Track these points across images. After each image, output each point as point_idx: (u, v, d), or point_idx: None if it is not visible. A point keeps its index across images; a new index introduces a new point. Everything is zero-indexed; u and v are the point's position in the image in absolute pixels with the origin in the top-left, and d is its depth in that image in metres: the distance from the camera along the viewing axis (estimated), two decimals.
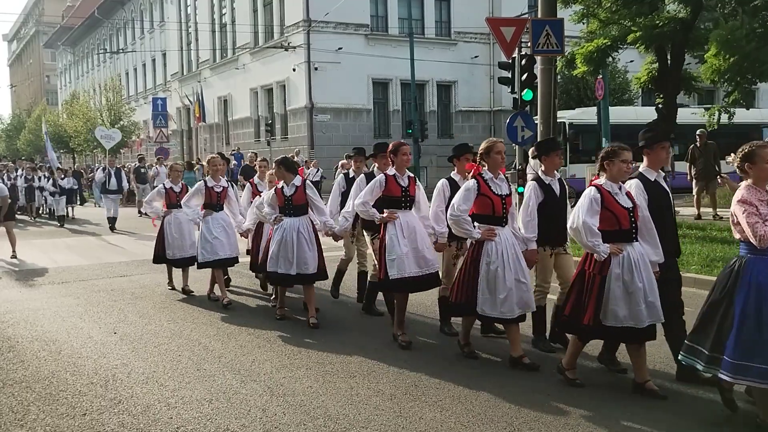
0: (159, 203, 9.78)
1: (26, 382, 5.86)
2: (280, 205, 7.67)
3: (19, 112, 76.57)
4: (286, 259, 7.50)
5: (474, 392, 5.37)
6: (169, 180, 9.96)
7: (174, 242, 9.52)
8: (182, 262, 9.62)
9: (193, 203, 8.90)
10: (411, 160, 6.95)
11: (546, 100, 14.57)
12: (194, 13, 43.70)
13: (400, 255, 6.50)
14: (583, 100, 28.47)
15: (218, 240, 8.71)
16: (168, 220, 9.61)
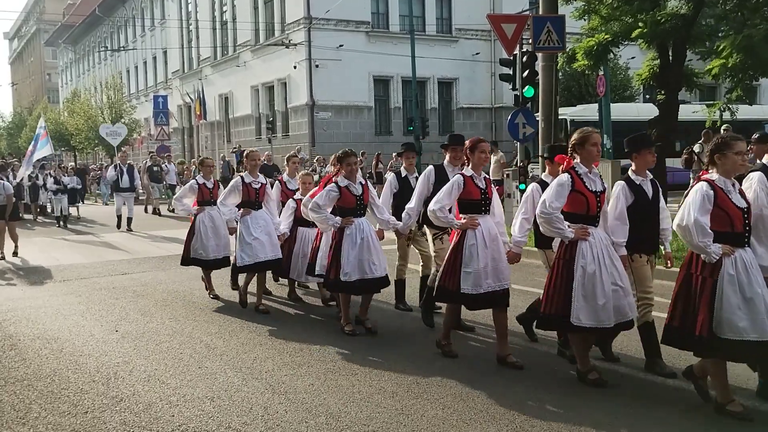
0: (190, 200, 9.07)
1: (28, 380, 5.86)
2: (350, 206, 7.00)
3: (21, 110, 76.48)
4: (367, 265, 6.88)
5: (476, 390, 5.37)
6: (201, 175, 9.21)
7: (208, 242, 8.87)
8: (215, 264, 9.04)
9: (229, 202, 8.24)
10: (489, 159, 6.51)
11: (547, 96, 14.55)
12: (195, 11, 43.67)
13: (477, 269, 5.88)
14: (585, 97, 28.44)
15: (259, 241, 8.05)
16: (201, 219, 8.96)
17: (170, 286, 9.99)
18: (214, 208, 8.85)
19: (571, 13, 14.77)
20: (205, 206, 8.98)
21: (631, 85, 29.49)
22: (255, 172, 8.34)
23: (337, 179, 7.03)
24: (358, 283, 6.88)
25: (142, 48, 52.31)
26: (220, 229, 8.93)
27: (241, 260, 8.11)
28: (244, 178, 8.27)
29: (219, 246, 8.92)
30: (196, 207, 9.02)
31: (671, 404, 5.03)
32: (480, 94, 35.53)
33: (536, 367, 5.91)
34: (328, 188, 6.98)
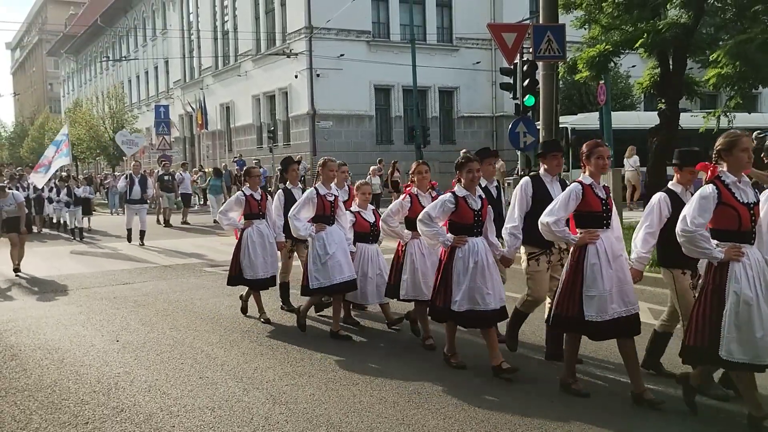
0: (236, 214, 8.38)
1: (29, 391, 5.85)
2: (466, 222, 5.95)
3: (22, 120, 76.78)
4: (480, 294, 5.82)
5: (477, 399, 5.35)
6: (247, 186, 8.44)
7: (257, 260, 8.15)
8: (264, 284, 8.33)
9: (303, 216, 7.33)
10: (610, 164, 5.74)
11: (548, 105, 14.57)
12: (196, 21, 43.81)
13: (602, 293, 5.14)
14: (586, 106, 28.45)
15: (335, 260, 7.17)
16: (248, 234, 8.23)
17: (171, 296, 9.98)
18: (262, 221, 8.32)
19: (572, 22, 14.83)
20: (252, 220, 8.30)
21: (632, 93, 29.52)
22: (329, 183, 7.52)
23: (454, 189, 6.04)
24: (468, 315, 5.85)
25: (143, 58, 52.45)
26: (269, 245, 8.30)
27: (314, 282, 7.25)
28: (319, 189, 7.40)
29: (268, 264, 8.24)
30: (243, 221, 8.37)
31: (674, 416, 5.01)
32: (481, 102, 35.56)
33: (537, 377, 5.89)
34: (444, 198, 5.98)
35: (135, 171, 17.65)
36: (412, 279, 6.78)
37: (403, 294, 6.82)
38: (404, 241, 6.82)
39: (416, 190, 6.85)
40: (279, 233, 8.33)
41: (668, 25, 13.05)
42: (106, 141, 42.72)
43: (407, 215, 6.80)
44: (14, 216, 12.83)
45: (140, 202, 17.10)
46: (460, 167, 6.02)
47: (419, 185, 6.88)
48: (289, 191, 8.52)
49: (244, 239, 8.25)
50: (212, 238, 17.75)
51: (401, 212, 6.77)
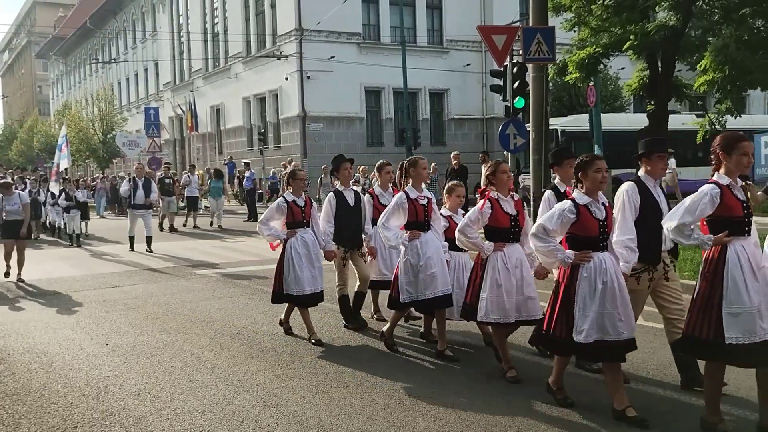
0: (278, 222, 7.46)
1: (17, 395, 5.82)
2: (591, 234, 4.96)
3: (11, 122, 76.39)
4: (611, 322, 4.88)
5: (467, 401, 5.36)
6: (289, 191, 7.51)
7: (302, 273, 7.25)
8: (311, 300, 7.44)
9: (393, 223, 6.62)
10: None
11: (538, 107, 14.62)
12: (186, 23, 43.72)
13: (749, 308, 4.38)
14: (576, 107, 28.57)
15: (431, 272, 6.46)
16: (292, 245, 7.31)
17: (161, 299, 9.95)
18: (307, 230, 7.41)
19: (561, 24, 14.90)
20: (296, 229, 7.37)
21: (621, 95, 29.66)
22: (419, 185, 6.76)
23: (574, 196, 5.07)
24: (596, 347, 4.86)
25: (133, 60, 52.29)
26: (316, 256, 7.41)
27: (405, 295, 6.55)
28: (409, 193, 6.66)
29: (316, 277, 7.36)
30: (285, 231, 7.43)
31: (670, 419, 5.03)
32: (471, 104, 35.64)
33: (529, 378, 5.90)
34: (564, 208, 4.98)
35: (138, 174, 16.48)
36: (495, 298, 5.75)
37: (482, 316, 5.81)
38: (485, 253, 5.87)
39: (497, 194, 5.85)
40: (328, 241, 7.47)
41: (657, 27, 13.14)
42: (96, 143, 42.58)
43: (487, 224, 5.87)
44: (15, 219, 11.95)
45: (144, 207, 16.03)
46: (585, 166, 4.98)
47: (500, 188, 5.87)
48: (341, 194, 7.64)
49: (288, 251, 7.30)
50: (202, 242, 17.70)
51: (481, 221, 5.83)
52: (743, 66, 11.83)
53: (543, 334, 5.19)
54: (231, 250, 15.78)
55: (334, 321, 8.15)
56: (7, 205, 11.98)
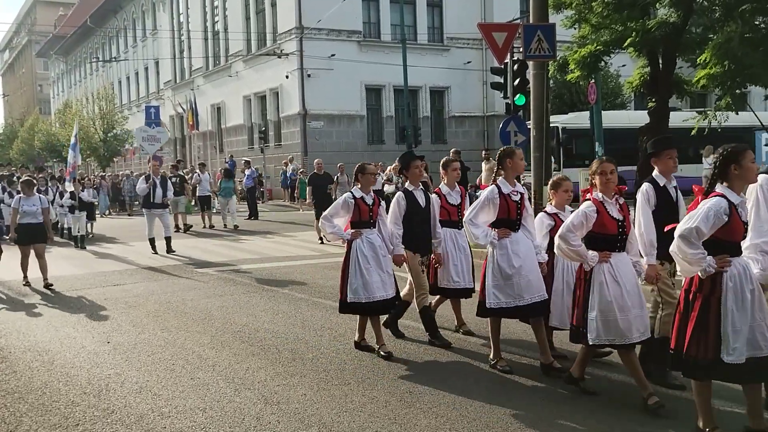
0: (342, 220, 6.76)
1: (19, 393, 5.82)
2: (736, 239, 4.47)
3: (12, 121, 76.43)
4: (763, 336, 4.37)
5: (468, 399, 5.36)
6: (357, 187, 6.80)
7: (371, 278, 6.54)
8: (383, 307, 6.77)
9: (482, 220, 6.03)
10: None
11: (539, 104, 14.60)
12: (187, 21, 43.71)
13: None
14: (576, 105, 28.56)
15: (522, 275, 5.84)
16: (358, 247, 6.62)
17: (162, 297, 9.96)
18: (373, 231, 6.71)
19: (562, 21, 14.87)
20: (362, 229, 6.70)
21: (622, 92, 29.65)
22: (512, 178, 6.10)
23: (725, 193, 4.42)
24: (748, 366, 4.30)
25: (134, 58, 52.31)
26: (384, 260, 6.70)
27: (493, 300, 5.94)
28: (502, 187, 6.02)
29: (385, 282, 6.64)
30: (350, 231, 6.75)
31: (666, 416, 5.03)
32: (472, 102, 35.62)
33: (528, 376, 5.91)
34: (719, 207, 4.35)
35: (155, 172, 15.61)
36: (606, 318, 5.07)
37: (593, 338, 5.12)
38: (588, 264, 5.18)
39: (601, 196, 5.20)
40: (396, 244, 6.77)
41: (657, 24, 13.11)
42: (97, 142, 42.60)
43: (591, 230, 5.19)
44: (32, 222, 11.06)
45: (162, 207, 15.34)
46: (737, 156, 4.42)
47: (604, 190, 5.21)
48: (411, 194, 6.90)
49: (353, 254, 6.64)
50: (203, 240, 17.70)
51: (586, 226, 5.15)
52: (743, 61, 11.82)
53: (677, 356, 4.51)
54: (232, 248, 15.79)
55: (335, 318, 8.16)
56: (25, 206, 11.04)
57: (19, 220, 11.08)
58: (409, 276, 7.10)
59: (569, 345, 6.00)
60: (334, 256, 13.78)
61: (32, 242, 11.15)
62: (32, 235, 11.13)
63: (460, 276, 7.09)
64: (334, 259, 13.24)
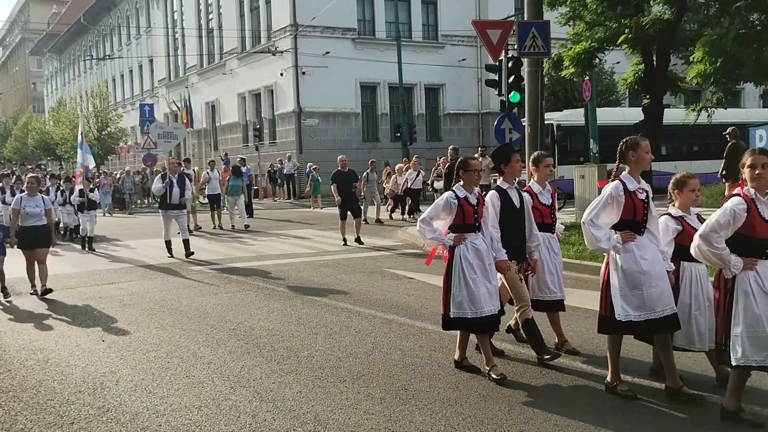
0: (443, 223, 5.91)
1: (13, 392, 5.81)
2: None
3: (5, 119, 76.23)
4: None
5: (463, 395, 5.37)
6: (460, 185, 5.90)
7: (478, 289, 5.72)
8: (491, 323, 5.86)
9: (604, 221, 5.21)
10: None
11: (533, 101, 14.63)
12: (181, 19, 43.63)
13: None
14: (571, 102, 28.62)
15: (652, 284, 5.09)
16: (461, 254, 5.80)
17: (157, 295, 9.94)
18: (478, 236, 5.84)
19: (556, 18, 14.91)
20: (466, 233, 5.83)
21: (616, 89, 29.70)
22: (638, 173, 5.32)
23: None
24: None
25: (128, 56, 52.19)
26: (490, 268, 5.87)
27: (622, 313, 5.14)
28: (627, 183, 5.22)
29: (492, 295, 5.83)
30: (452, 235, 5.87)
31: (662, 411, 5.04)
32: (467, 99, 35.67)
33: (522, 372, 5.92)
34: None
35: (172, 169, 14.40)
36: (754, 333, 4.48)
37: (739, 358, 4.52)
38: (731, 272, 4.58)
39: (753, 192, 4.55)
40: (498, 249, 5.94)
41: (651, 21, 13.16)
42: (91, 140, 42.47)
43: (737, 231, 4.56)
44: (34, 225, 10.14)
45: (179, 207, 14.15)
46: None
47: (757, 187, 4.54)
48: (505, 192, 6.12)
49: (457, 262, 5.80)
50: (200, 239, 17.66)
51: (732, 226, 4.54)
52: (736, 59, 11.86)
53: None
54: (227, 246, 15.77)
55: (330, 316, 8.16)
56: (27, 207, 10.08)
57: (21, 222, 10.13)
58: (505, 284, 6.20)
59: None
60: (330, 254, 13.79)
61: (35, 246, 10.18)
62: (35, 238, 10.17)
63: (556, 286, 6.39)
64: (329, 257, 13.26)
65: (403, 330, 7.46)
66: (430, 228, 5.83)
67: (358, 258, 13.04)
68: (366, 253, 13.58)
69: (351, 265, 12.13)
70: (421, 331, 7.40)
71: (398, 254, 13.40)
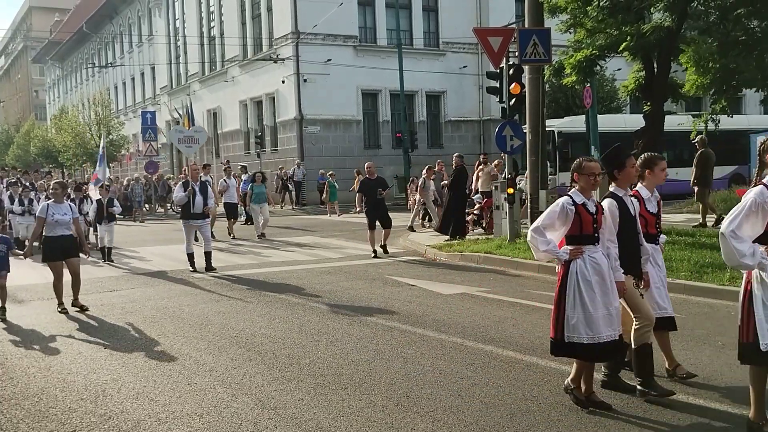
0: (558, 234, 5.23)
1: (15, 399, 5.81)
2: None
3: (8, 127, 76.37)
4: None
5: (466, 402, 5.36)
6: (575, 189, 5.24)
7: (596, 311, 5.04)
8: (611, 350, 5.18)
9: (747, 233, 4.44)
10: None
11: (534, 108, 14.67)
12: (183, 27, 43.75)
13: None
14: (572, 109, 28.64)
15: None
16: (578, 269, 5.10)
17: (159, 303, 9.94)
18: (597, 249, 5.15)
19: (557, 26, 14.93)
20: (584, 245, 5.15)
21: (617, 96, 29.73)
22: None
23: None
24: None
25: (130, 64, 52.31)
26: (612, 289, 5.14)
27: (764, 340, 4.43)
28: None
29: (612, 318, 5.13)
30: (567, 248, 5.17)
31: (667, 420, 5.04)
32: (468, 106, 35.71)
33: (525, 379, 5.92)
34: None
35: (194, 177, 13.28)
36: None
37: None
38: None
39: None
40: (617, 268, 5.24)
41: (652, 28, 13.16)
42: (93, 147, 42.57)
43: None
44: (62, 234, 9.49)
45: (202, 217, 13.07)
46: None
47: None
48: (621, 200, 5.42)
49: (572, 278, 5.12)
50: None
51: None
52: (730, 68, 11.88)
53: None
54: (229, 252, 15.77)
55: (332, 323, 8.16)
56: (56, 214, 9.41)
57: (48, 232, 9.48)
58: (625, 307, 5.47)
59: None
60: (331, 261, 13.79)
61: (66, 257, 9.52)
62: (65, 249, 9.51)
63: (665, 301, 5.69)
64: (330, 264, 13.26)
65: (405, 337, 7.45)
66: (543, 239, 5.14)
67: (359, 265, 13.04)
68: (367, 261, 13.57)
69: (352, 272, 12.13)
70: (422, 338, 7.39)
71: (400, 261, 13.40)
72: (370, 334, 7.65)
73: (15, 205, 16.44)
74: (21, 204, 16.37)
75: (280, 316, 8.80)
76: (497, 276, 11.38)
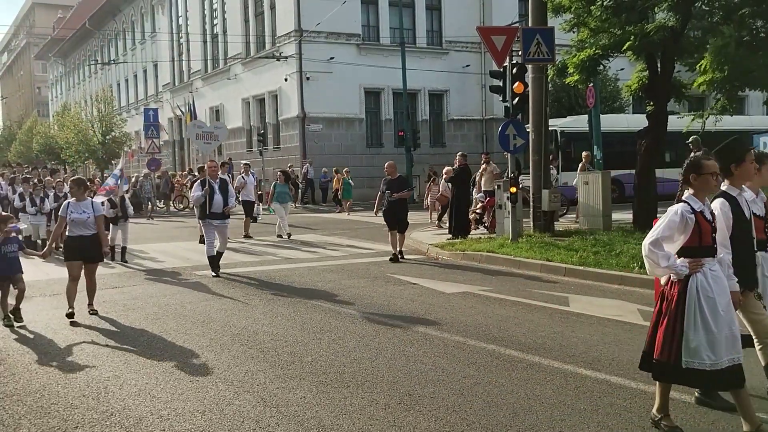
0: (675, 247, 4.56)
1: (17, 395, 5.81)
2: None
3: (10, 123, 76.47)
4: None
5: (468, 401, 5.36)
6: (690, 193, 4.58)
7: (720, 332, 4.42)
8: (733, 379, 4.48)
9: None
10: None
11: (537, 108, 14.65)
12: (186, 24, 43.76)
13: None
14: (575, 108, 28.63)
15: None
16: (698, 286, 4.46)
17: (161, 300, 9.95)
18: (715, 262, 4.54)
19: (560, 25, 14.91)
20: (704, 258, 4.50)
21: (620, 96, 29.71)
22: None
23: None
24: None
25: (132, 61, 52.35)
26: (729, 307, 4.52)
27: None
28: None
29: (736, 339, 4.52)
30: (682, 260, 4.51)
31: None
32: (471, 105, 35.69)
33: (528, 378, 5.91)
34: None
35: (212, 174, 12.35)
36: None
37: None
38: None
39: None
40: (731, 276, 4.66)
41: (656, 28, 13.14)
42: (95, 144, 42.62)
43: None
44: (86, 234, 8.88)
45: (221, 217, 12.11)
46: None
47: None
48: (735, 200, 4.84)
49: (692, 295, 4.47)
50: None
51: None
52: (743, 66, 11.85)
53: None
54: (231, 250, 15.75)
55: (334, 321, 8.15)
56: (74, 213, 8.82)
57: (68, 231, 9.00)
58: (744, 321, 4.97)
59: None
60: (333, 258, 13.79)
61: (84, 258, 8.95)
62: (85, 250, 8.91)
63: None
64: (332, 262, 13.25)
65: (407, 336, 7.45)
66: (663, 254, 4.45)
67: (361, 263, 13.04)
68: (369, 259, 13.57)
69: (355, 271, 12.13)
70: (425, 336, 7.39)
71: (402, 260, 13.38)
72: (373, 333, 7.64)
73: (27, 205, 15.90)
74: (33, 204, 15.91)
75: (282, 313, 8.79)
76: (499, 275, 11.38)
